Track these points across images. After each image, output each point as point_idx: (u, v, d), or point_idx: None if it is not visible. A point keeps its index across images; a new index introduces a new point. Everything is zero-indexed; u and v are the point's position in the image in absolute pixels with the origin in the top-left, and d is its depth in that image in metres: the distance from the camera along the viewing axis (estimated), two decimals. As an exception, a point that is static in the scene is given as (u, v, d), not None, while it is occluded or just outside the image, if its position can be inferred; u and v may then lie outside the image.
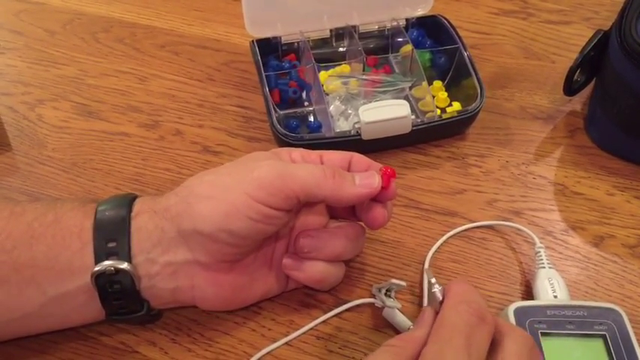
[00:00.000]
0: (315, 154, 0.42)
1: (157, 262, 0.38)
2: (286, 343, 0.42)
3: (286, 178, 0.37)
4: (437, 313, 0.34)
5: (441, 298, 0.34)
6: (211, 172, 0.40)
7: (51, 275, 0.37)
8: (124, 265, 0.37)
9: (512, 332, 0.32)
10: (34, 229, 0.37)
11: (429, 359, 0.30)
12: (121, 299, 0.38)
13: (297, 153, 0.42)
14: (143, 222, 0.38)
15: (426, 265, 0.46)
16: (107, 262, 0.37)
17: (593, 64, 0.54)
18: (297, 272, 0.41)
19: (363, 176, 0.40)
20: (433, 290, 0.34)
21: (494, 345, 0.32)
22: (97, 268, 0.37)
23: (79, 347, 0.42)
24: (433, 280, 0.35)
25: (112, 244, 0.37)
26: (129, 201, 0.40)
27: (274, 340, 0.42)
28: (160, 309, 0.42)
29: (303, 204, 0.40)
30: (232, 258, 0.39)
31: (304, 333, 0.43)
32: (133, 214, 0.39)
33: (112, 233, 0.38)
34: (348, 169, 0.42)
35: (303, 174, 0.37)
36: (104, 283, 0.37)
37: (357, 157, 0.42)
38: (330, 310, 0.43)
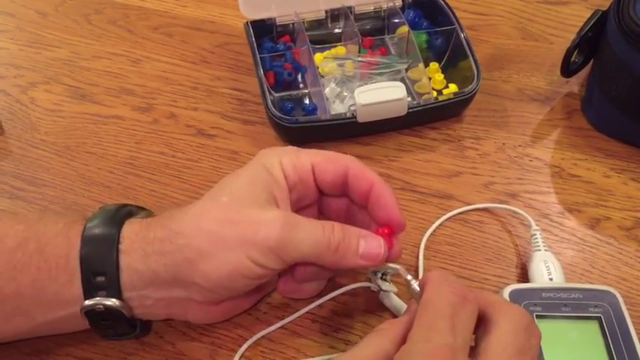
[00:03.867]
0: (306, 161, 0.39)
1: (151, 297, 0.37)
2: (282, 327, 0.42)
3: (288, 247, 0.35)
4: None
5: (418, 289, 0.34)
6: (208, 212, 0.36)
7: (38, 305, 0.37)
8: (114, 302, 0.36)
9: (508, 309, 0.32)
10: (17, 259, 0.36)
11: (416, 342, 0.30)
12: (113, 327, 0.38)
13: (289, 160, 0.39)
14: (133, 261, 0.36)
15: (422, 248, 0.46)
16: (97, 299, 0.36)
17: (591, 44, 0.54)
18: (295, 293, 0.42)
19: (368, 247, 0.37)
20: (412, 286, 0.34)
21: (487, 322, 0.32)
22: (86, 303, 0.36)
23: (75, 333, 0.42)
24: (409, 277, 0.35)
25: (100, 279, 0.36)
26: (118, 220, 0.37)
27: (270, 324, 0.42)
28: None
29: None
30: (227, 299, 0.40)
31: (300, 316, 0.43)
32: (123, 247, 0.36)
33: (100, 267, 0.36)
34: (344, 183, 0.40)
35: (305, 244, 0.35)
36: (94, 316, 0.37)
37: (354, 173, 0.39)
38: (326, 293, 0.43)
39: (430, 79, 0.56)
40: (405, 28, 0.57)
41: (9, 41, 0.64)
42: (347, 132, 0.53)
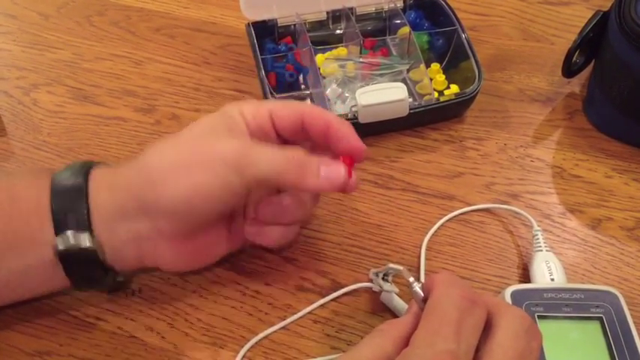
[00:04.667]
0: (265, 109, 0.41)
1: (119, 232, 0.39)
2: (283, 327, 0.42)
3: (247, 162, 0.37)
4: (421, 309, 0.33)
5: (422, 294, 0.33)
6: (170, 145, 0.39)
7: (10, 249, 0.38)
8: (86, 239, 0.37)
9: (508, 312, 0.32)
10: None
11: (418, 346, 0.30)
12: (86, 269, 0.39)
13: (249, 109, 0.40)
14: (102, 199, 0.38)
15: (423, 249, 0.46)
16: (68, 232, 0.37)
17: (592, 45, 0.54)
18: (260, 237, 0.43)
19: (329, 170, 0.39)
20: (414, 289, 0.34)
21: (488, 326, 0.31)
22: (59, 244, 0.37)
23: (76, 333, 0.42)
24: (411, 279, 0.34)
25: (70, 216, 0.37)
26: (85, 170, 0.39)
27: (271, 325, 0.42)
28: (126, 277, 0.44)
29: None
30: (193, 229, 0.40)
31: (301, 317, 0.43)
32: (90, 187, 0.38)
33: (70, 206, 0.38)
34: (303, 127, 0.41)
35: (264, 164, 0.37)
36: (67, 259, 0.38)
37: (310, 114, 0.40)
38: (328, 294, 0.43)
39: (431, 79, 0.56)
40: (406, 29, 0.57)
41: (11, 43, 0.65)
42: (348, 133, 0.53)
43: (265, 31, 0.59)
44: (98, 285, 0.41)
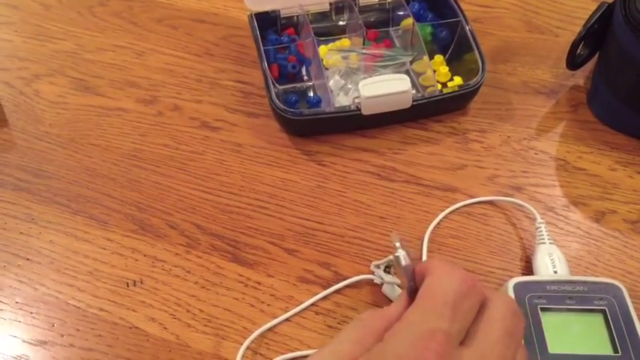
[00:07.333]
0: None
1: None
2: (286, 319, 0.42)
3: None
4: (409, 285, 0.31)
5: (404, 263, 0.31)
6: None
7: None
8: None
9: (495, 297, 0.31)
10: None
11: (409, 322, 0.29)
12: None
13: None
14: None
15: (426, 241, 0.46)
16: None
17: (596, 37, 0.53)
18: None
19: None
20: (396, 254, 0.31)
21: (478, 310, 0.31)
22: None
23: (79, 324, 0.42)
24: (398, 244, 0.31)
25: None
26: None
27: (274, 316, 0.42)
28: None
29: None
30: None
31: (304, 309, 0.43)
32: None
33: None
34: None
35: None
36: None
37: None
38: (330, 286, 0.43)
39: (435, 71, 0.55)
40: (409, 21, 0.57)
41: (13, 33, 0.64)
42: (351, 124, 0.53)
43: (268, 22, 0.59)
44: None
